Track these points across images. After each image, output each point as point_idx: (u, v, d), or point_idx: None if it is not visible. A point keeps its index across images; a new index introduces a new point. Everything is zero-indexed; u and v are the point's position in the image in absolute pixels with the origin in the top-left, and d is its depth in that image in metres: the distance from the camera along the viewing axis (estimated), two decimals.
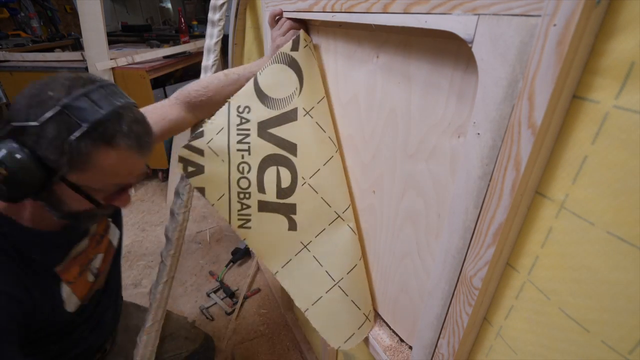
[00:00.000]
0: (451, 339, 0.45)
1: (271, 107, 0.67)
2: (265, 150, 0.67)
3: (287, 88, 0.66)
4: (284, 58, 0.66)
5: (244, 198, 0.71)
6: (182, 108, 0.79)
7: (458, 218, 0.40)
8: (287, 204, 0.69)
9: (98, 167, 0.51)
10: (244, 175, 0.69)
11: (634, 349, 0.27)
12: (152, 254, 1.90)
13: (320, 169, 0.66)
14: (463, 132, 0.42)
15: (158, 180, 2.60)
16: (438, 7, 0.37)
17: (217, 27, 1.03)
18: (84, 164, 0.50)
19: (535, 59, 0.28)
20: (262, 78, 0.67)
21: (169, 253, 0.89)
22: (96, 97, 0.50)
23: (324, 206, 0.67)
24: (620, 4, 0.24)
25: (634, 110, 0.24)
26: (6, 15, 3.01)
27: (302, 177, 0.67)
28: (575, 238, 0.30)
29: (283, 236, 0.71)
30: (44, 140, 0.48)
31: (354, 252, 0.68)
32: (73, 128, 0.48)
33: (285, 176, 0.67)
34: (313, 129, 0.66)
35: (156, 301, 0.89)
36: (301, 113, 0.65)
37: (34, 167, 0.49)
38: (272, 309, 1.56)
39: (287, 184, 0.68)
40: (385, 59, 0.52)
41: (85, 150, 0.49)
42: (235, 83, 0.77)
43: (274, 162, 0.67)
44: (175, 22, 4.24)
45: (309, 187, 0.66)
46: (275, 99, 0.67)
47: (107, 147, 0.51)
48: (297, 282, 0.72)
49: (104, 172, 0.52)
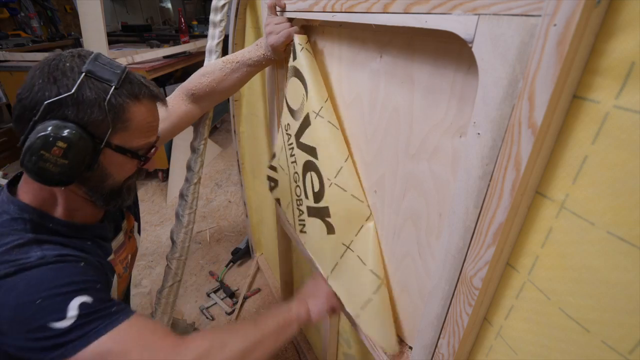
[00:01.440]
0: (451, 339, 0.45)
1: (296, 118, 0.71)
2: (302, 158, 0.72)
3: (299, 97, 0.69)
4: (291, 70, 0.69)
5: (299, 205, 0.77)
6: (188, 101, 0.80)
7: (458, 218, 0.40)
8: (321, 207, 0.70)
9: (134, 122, 0.54)
10: (297, 184, 0.76)
11: (634, 349, 0.27)
12: (152, 254, 1.90)
13: (342, 167, 0.65)
14: (465, 132, 0.42)
15: (158, 180, 2.60)
16: (438, 7, 0.37)
17: (219, 28, 1.03)
18: (125, 122, 0.53)
19: (535, 59, 0.28)
20: (287, 93, 0.72)
21: (175, 256, 0.89)
22: (104, 62, 0.53)
23: (356, 203, 0.65)
24: (620, 4, 0.24)
25: (634, 110, 0.24)
26: (6, 15, 3.01)
27: (327, 178, 0.66)
28: (575, 238, 0.30)
29: (325, 240, 0.71)
30: (84, 105, 0.49)
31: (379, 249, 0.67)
32: (106, 88, 0.51)
33: (315, 180, 0.70)
34: (327, 128, 0.65)
35: (161, 306, 0.87)
36: (312, 116, 0.66)
37: (85, 136, 0.50)
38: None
39: (318, 188, 0.69)
40: (388, 59, 0.52)
41: (124, 104, 0.52)
42: (237, 70, 0.78)
43: (308, 168, 0.71)
44: (175, 22, 4.24)
45: (336, 187, 0.65)
46: (296, 110, 0.72)
47: (135, 101, 0.54)
48: (346, 285, 0.69)
49: (139, 127, 0.55)
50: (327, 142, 0.66)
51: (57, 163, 0.49)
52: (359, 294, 0.66)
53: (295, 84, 0.69)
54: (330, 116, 0.66)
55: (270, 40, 0.72)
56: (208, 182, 2.62)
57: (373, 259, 0.63)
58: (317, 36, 0.70)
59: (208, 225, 2.15)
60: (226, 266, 1.76)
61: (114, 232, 0.70)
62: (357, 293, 0.66)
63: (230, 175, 2.72)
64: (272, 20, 0.72)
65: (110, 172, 0.56)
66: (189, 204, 0.92)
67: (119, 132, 0.53)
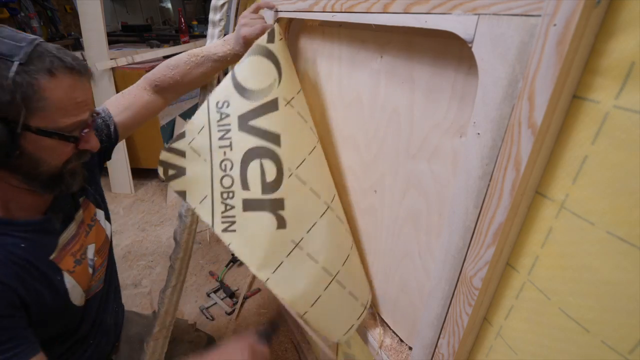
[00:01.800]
0: (451, 339, 0.45)
1: (251, 98, 0.64)
2: (247, 143, 0.64)
3: (266, 79, 0.64)
4: (260, 50, 0.64)
5: (228, 198, 0.66)
6: (151, 92, 0.80)
7: (458, 218, 0.40)
8: (274, 199, 0.64)
9: (53, 100, 0.49)
10: (227, 173, 0.65)
11: (634, 349, 0.27)
12: (152, 254, 1.90)
13: (306, 159, 0.63)
14: (465, 132, 0.42)
15: (158, 180, 2.60)
16: (438, 7, 0.37)
17: (218, 28, 1.03)
18: (38, 101, 0.48)
19: (535, 59, 0.28)
20: (239, 71, 0.65)
21: (178, 257, 0.88)
22: (6, 34, 0.48)
23: (313, 198, 0.63)
24: (620, 4, 0.24)
25: (634, 110, 0.24)
26: (6, 15, 3.01)
27: (289, 168, 0.63)
28: (575, 238, 0.30)
29: (272, 237, 0.64)
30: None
31: (345, 242, 0.67)
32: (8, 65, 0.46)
33: (270, 169, 0.63)
34: (295, 119, 0.64)
35: (164, 306, 0.87)
36: (282, 103, 0.63)
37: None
38: (272, 309, 1.56)
39: (273, 177, 0.63)
40: (388, 59, 0.52)
41: (33, 82, 0.47)
42: (202, 65, 0.77)
43: (257, 155, 0.64)
44: (175, 22, 4.24)
45: (296, 179, 0.63)
46: (254, 91, 0.64)
47: (49, 77, 0.49)
48: (292, 285, 0.65)
49: (60, 105, 0.51)
50: (294, 132, 0.64)
51: None
52: (308, 292, 0.64)
53: (264, 64, 0.64)
54: (301, 109, 0.64)
55: (243, 32, 0.70)
56: None
57: (325, 256, 0.63)
58: (316, 36, 0.70)
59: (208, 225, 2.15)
60: (226, 266, 1.76)
61: (63, 224, 0.66)
62: (305, 292, 0.64)
63: None
64: (249, 15, 0.72)
65: (42, 157, 0.52)
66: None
67: (37, 113, 0.49)
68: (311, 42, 0.74)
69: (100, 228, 0.76)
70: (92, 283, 0.71)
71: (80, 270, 0.67)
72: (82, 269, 0.67)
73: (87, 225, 0.71)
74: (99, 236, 0.74)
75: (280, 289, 0.65)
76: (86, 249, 0.70)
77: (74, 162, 0.58)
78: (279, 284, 0.65)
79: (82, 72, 0.54)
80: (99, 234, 0.75)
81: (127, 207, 2.32)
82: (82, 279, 0.67)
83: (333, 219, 0.65)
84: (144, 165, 2.46)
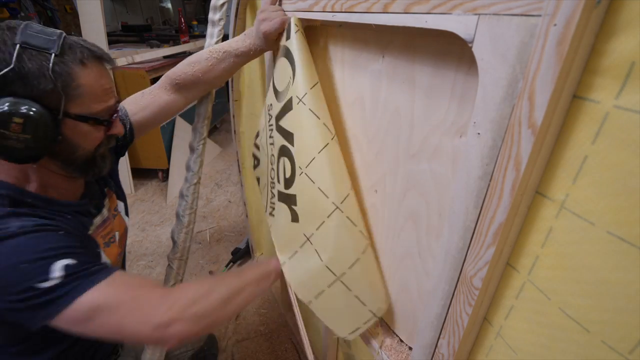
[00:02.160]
0: (451, 339, 0.45)
1: (280, 100, 0.69)
2: (279, 142, 0.71)
3: (285, 79, 0.67)
4: (282, 50, 0.67)
5: (272, 187, 0.77)
6: (172, 91, 0.79)
7: (458, 218, 0.40)
8: (290, 194, 0.69)
9: (87, 87, 0.53)
10: (272, 166, 0.76)
11: (634, 349, 0.27)
12: (152, 254, 1.90)
13: (315, 157, 0.63)
14: (465, 132, 0.42)
15: (158, 180, 2.60)
16: (438, 7, 0.37)
17: (218, 27, 1.03)
18: (76, 89, 0.52)
19: (535, 59, 0.28)
20: (275, 73, 0.70)
21: (176, 256, 0.89)
22: (36, 30, 0.51)
23: (321, 197, 0.64)
24: (620, 4, 0.24)
25: (634, 110, 0.24)
26: (6, 15, 3.01)
27: (299, 166, 0.66)
28: (575, 238, 0.30)
29: (289, 228, 0.71)
30: (29, 77, 0.49)
31: (354, 246, 0.65)
32: (47, 57, 0.49)
33: (287, 166, 0.69)
34: (306, 116, 0.64)
35: None
36: (295, 101, 0.65)
37: (39, 109, 0.50)
38: (272, 309, 1.56)
39: (289, 175, 0.69)
40: (390, 60, 0.52)
41: (70, 71, 0.51)
42: (224, 61, 0.77)
43: (282, 153, 0.70)
44: (175, 22, 4.24)
45: (305, 177, 0.65)
46: (280, 92, 0.69)
47: (81, 66, 0.53)
48: (300, 274, 0.71)
49: (93, 91, 0.55)
50: (304, 130, 0.64)
51: (19, 139, 0.49)
52: (312, 284, 0.69)
53: (284, 64, 0.66)
54: (313, 104, 0.64)
55: (263, 27, 0.69)
56: (208, 182, 2.62)
57: (330, 256, 0.64)
58: (320, 38, 0.70)
59: (208, 225, 2.15)
60: (226, 266, 1.76)
61: (97, 208, 0.70)
62: (310, 283, 0.69)
63: (230, 175, 2.72)
64: (269, 7, 0.70)
65: (78, 143, 0.56)
66: (189, 204, 0.92)
67: (74, 100, 0.53)
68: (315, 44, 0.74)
69: (121, 219, 0.78)
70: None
71: (111, 248, 0.71)
72: (112, 249, 0.72)
73: (113, 214, 0.75)
74: (121, 226, 0.77)
75: (290, 274, 0.74)
76: (115, 234, 0.74)
77: (104, 147, 0.62)
78: (290, 270, 0.74)
79: (108, 61, 0.58)
80: (121, 224, 0.77)
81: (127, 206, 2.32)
82: (112, 256, 0.71)
83: (342, 220, 0.63)
84: (144, 165, 2.46)
